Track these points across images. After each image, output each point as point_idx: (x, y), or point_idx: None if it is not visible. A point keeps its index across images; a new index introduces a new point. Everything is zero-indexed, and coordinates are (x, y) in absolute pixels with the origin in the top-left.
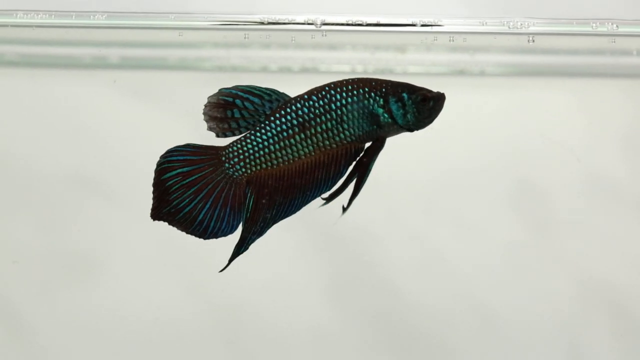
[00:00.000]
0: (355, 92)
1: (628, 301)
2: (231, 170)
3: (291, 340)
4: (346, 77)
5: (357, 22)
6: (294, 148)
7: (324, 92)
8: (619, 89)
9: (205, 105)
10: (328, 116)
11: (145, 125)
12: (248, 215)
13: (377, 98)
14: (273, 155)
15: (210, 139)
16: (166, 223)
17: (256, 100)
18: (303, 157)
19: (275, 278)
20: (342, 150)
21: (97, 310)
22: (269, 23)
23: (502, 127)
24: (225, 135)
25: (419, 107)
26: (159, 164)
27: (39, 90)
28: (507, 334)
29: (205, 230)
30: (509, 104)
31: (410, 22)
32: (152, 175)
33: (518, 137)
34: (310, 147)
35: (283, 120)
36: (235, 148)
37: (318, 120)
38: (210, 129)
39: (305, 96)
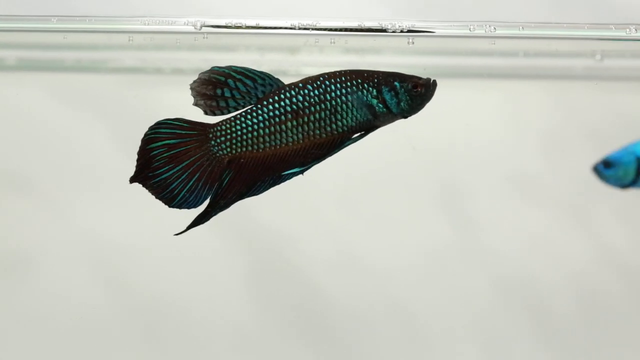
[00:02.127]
0: (349, 83)
1: (547, 299)
2: (216, 148)
3: (211, 336)
4: None
5: (236, 25)
6: (284, 134)
7: (318, 82)
8: (497, 89)
9: (195, 81)
10: (322, 106)
11: (62, 126)
12: (219, 191)
13: (370, 89)
14: (261, 139)
15: (120, 138)
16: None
17: (249, 82)
18: (290, 144)
19: (195, 276)
20: (330, 140)
21: (21, 308)
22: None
23: (409, 127)
24: (214, 114)
25: (411, 94)
26: (146, 134)
27: None
28: (425, 331)
29: (173, 198)
30: None
31: (289, 25)
32: (75, 174)
33: (435, 137)
34: (300, 135)
35: (277, 105)
36: (224, 127)
37: (312, 109)
38: (197, 104)
39: (300, 84)
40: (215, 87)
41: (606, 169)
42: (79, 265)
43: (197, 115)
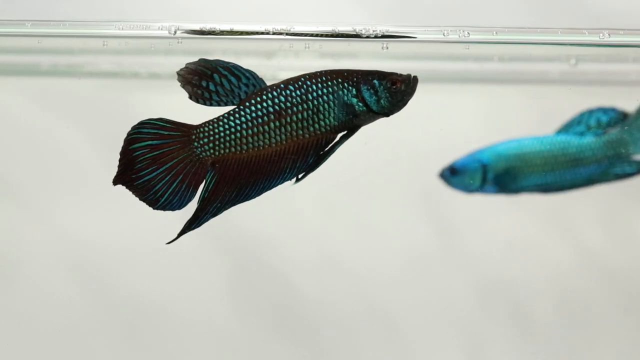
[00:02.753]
0: (329, 83)
1: (528, 301)
2: (199, 149)
3: (192, 339)
4: None
5: (211, 30)
6: (267, 135)
7: (300, 83)
8: (472, 93)
9: (182, 69)
10: (305, 106)
11: (39, 130)
12: (206, 194)
13: (350, 88)
14: (244, 140)
15: (98, 142)
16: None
17: (234, 80)
18: (274, 145)
19: (177, 278)
20: (314, 141)
21: (2, 310)
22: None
23: (394, 131)
24: (197, 101)
25: (391, 91)
26: (129, 134)
27: None
28: (406, 334)
29: (157, 200)
30: None
31: (263, 30)
32: (53, 177)
33: (416, 140)
34: (283, 136)
35: (259, 106)
36: (206, 129)
37: (295, 109)
38: (183, 88)
39: (282, 85)
40: (201, 78)
41: (452, 176)
42: (60, 268)
43: (176, 118)
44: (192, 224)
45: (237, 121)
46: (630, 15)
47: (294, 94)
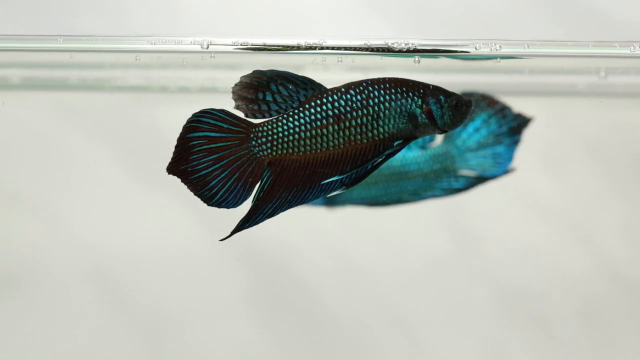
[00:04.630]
0: (393, 90)
1: (547, 310)
2: (256, 148)
3: (212, 345)
4: None
5: (243, 44)
6: (325, 138)
7: (361, 88)
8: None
9: (237, 84)
10: (365, 111)
11: (66, 143)
12: (261, 194)
13: (416, 98)
14: (302, 142)
15: (125, 156)
16: (178, 180)
17: (291, 86)
18: (331, 148)
19: (195, 288)
20: (371, 146)
21: (21, 326)
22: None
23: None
24: (255, 117)
25: (454, 110)
26: (189, 121)
27: None
28: (426, 340)
29: (212, 197)
30: None
31: (295, 44)
32: (80, 191)
33: None
34: (341, 140)
35: (318, 109)
36: (265, 128)
37: (354, 114)
38: (238, 108)
39: (343, 89)
40: (257, 90)
41: None
42: (83, 278)
43: None
44: (245, 223)
45: (296, 122)
46: None
47: (354, 98)
